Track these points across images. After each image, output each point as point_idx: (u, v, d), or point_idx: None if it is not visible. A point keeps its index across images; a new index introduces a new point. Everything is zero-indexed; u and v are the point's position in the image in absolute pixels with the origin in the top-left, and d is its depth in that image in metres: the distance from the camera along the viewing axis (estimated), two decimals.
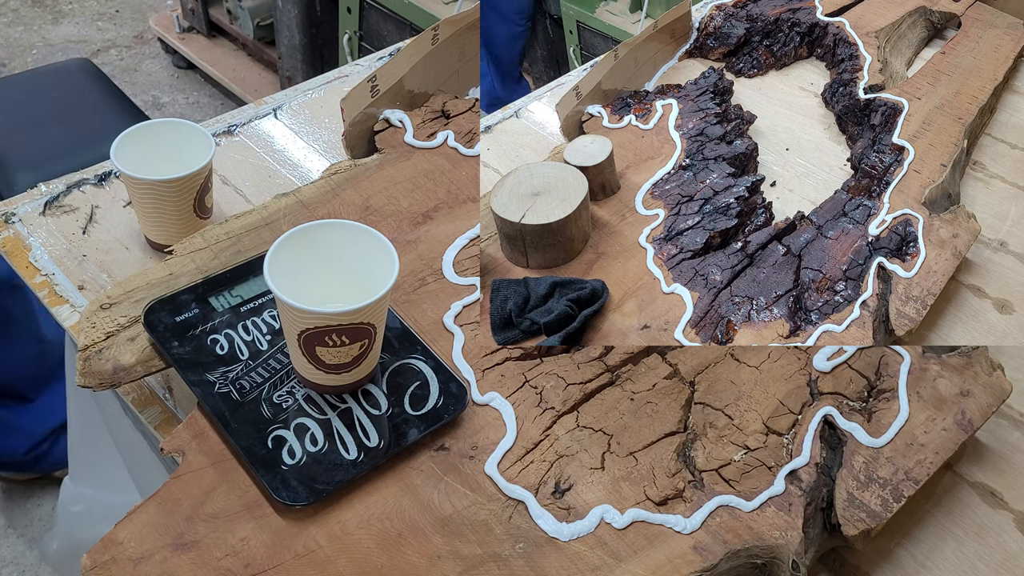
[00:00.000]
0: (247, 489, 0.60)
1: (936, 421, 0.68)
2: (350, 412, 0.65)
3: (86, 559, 0.55)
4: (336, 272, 0.67)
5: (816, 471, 0.65)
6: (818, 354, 0.73)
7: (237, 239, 0.77)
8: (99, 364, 0.66)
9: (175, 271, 0.74)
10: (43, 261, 0.81)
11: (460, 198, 0.85)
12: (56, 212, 0.86)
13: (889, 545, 0.66)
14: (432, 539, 0.59)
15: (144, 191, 0.78)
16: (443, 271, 0.78)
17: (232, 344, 0.68)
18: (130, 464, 0.84)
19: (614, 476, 0.64)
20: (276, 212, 0.80)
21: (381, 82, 0.89)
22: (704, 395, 0.70)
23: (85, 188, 0.89)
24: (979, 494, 0.70)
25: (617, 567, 0.58)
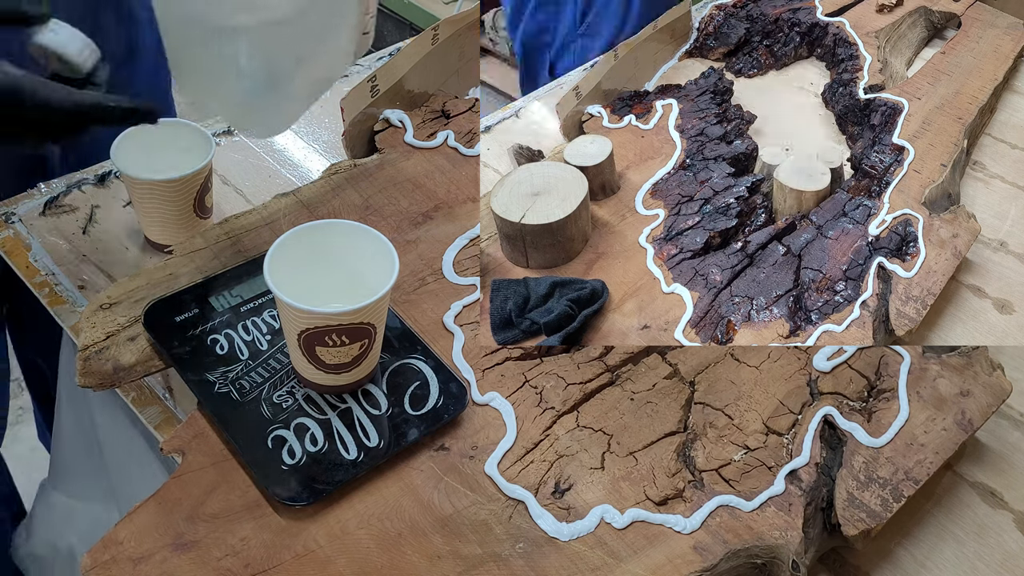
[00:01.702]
0: (247, 489, 0.60)
1: (936, 421, 0.68)
2: (350, 412, 0.65)
3: (86, 559, 0.55)
4: (336, 272, 0.67)
5: (816, 471, 0.65)
6: (818, 354, 0.73)
7: (237, 239, 0.77)
8: (99, 364, 0.66)
9: (175, 271, 0.74)
10: (43, 261, 0.81)
11: (460, 198, 0.85)
12: (56, 212, 0.86)
13: (889, 545, 0.66)
14: (432, 539, 0.59)
15: (144, 191, 0.78)
16: (443, 271, 0.78)
17: (232, 344, 0.68)
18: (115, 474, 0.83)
19: (614, 476, 0.64)
20: (276, 212, 0.80)
21: (381, 82, 0.89)
22: (704, 395, 0.70)
23: (85, 188, 0.89)
24: (979, 494, 0.70)
25: (617, 567, 0.58)
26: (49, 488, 0.97)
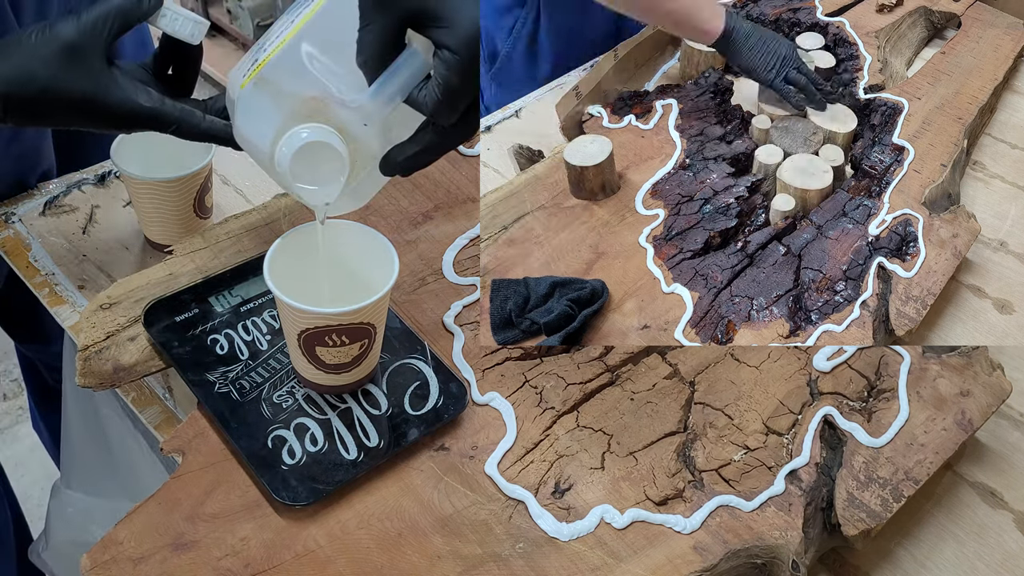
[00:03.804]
0: (247, 489, 0.60)
1: (936, 421, 0.68)
2: (350, 412, 0.65)
3: (86, 559, 0.55)
4: (336, 272, 0.67)
5: (816, 471, 0.65)
6: (818, 354, 0.73)
7: (237, 239, 0.77)
8: (99, 364, 0.66)
9: (175, 271, 0.74)
10: (43, 261, 0.81)
11: (460, 198, 0.85)
12: (56, 212, 0.86)
13: (889, 545, 0.66)
14: (432, 539, 0.59)
15: (144, 191, 0.78)
16: (443, 271, 0.78)
17: (232, 344, 0.68)
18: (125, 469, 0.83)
19: (614, 476, 0.64)
20: (276, 212, 0.80)
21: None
22: (704, 395, 0.70)
23: (85, 188, 0.89)
24: (979, 494, 0.70)
25: (617, 567, 0.58)
26: (62, 488, 0.97)
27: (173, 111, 0.64)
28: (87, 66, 0.61)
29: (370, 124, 0.59)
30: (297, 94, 0.59)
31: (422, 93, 0.57)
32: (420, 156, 0.60)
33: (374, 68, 0.57)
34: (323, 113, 0.59)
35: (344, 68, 0.58)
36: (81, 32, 0.61)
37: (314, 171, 0.60)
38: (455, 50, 0.55)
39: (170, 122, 0.64)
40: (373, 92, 0.57)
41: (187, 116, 0.65)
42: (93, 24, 0.61)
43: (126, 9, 0.62)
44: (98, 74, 0.61)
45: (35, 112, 0.62)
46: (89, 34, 0.61)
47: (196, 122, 0.65)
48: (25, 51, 0.60)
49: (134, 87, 0.63)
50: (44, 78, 0.60)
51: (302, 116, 0.59)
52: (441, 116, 0.57)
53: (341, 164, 0.60)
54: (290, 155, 0.58)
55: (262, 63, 0.59)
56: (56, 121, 0.63)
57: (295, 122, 0.59)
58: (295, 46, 0.58)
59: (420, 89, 0.57)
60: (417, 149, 0.60)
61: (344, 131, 0.59)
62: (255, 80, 0.59)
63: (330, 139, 0.59)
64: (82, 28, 0.61)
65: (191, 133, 0.65)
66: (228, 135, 0.64)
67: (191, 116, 0.65)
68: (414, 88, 0.57)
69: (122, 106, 0.62)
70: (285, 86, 0.59)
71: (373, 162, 0.62)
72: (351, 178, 0.61)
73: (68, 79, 0.61)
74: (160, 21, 0.65)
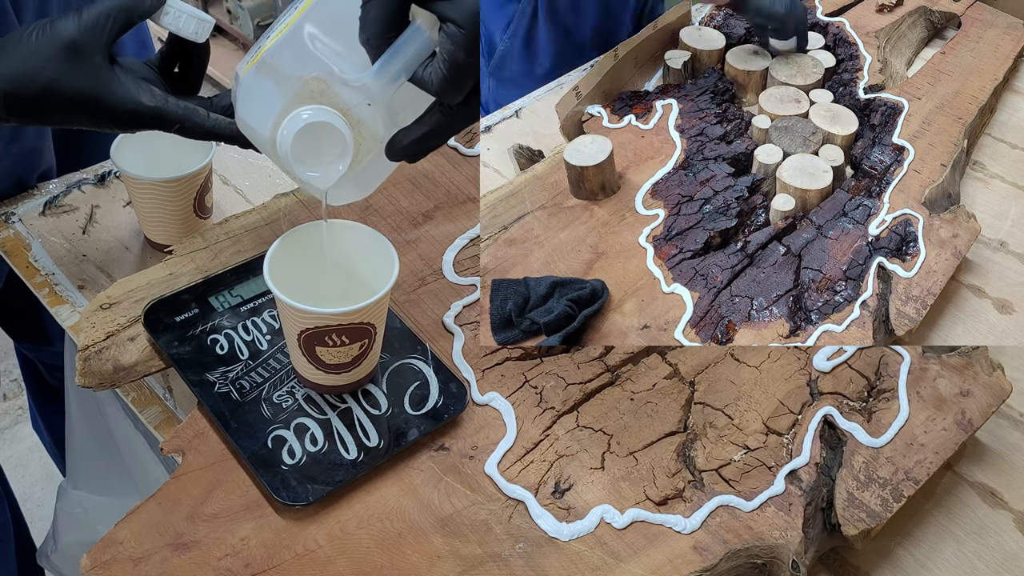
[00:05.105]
0: (247, 489, 0.60)
1: (936, 421, 0.68)
2: (350, 412, 0.65)
3: (86, 559, 0.55)
4: (336, 272, 0.67)
5: (816, 471, 0.65)
6: (818, 354, 0.73)
7: (237, 239, 0.77)
8: (99, 364, 0.66)
9: (175, 271, 0.74)
10: (43, 261, 0.81)
11: (460, 198, 0.85)
12: (56, 212, 0.86)
13: (889, 545, 0.66)
14: (432, 539, 0.59)
15: (144, 191, 0.78)
16: (443, 271, 0.78)
17: (232, 344, 0.68)
18: (132, 466, 0.84)
19: (614, 476, 0.64)
20: (276, 212, 0.80)
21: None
22: (704, 395, 0.70)
23: (85, 188, 0.89)
24: (979, 494, 0.70)
25: (617, 567, 0.58)
26: (69, 488, 0.97)
27: (176, 109, 0.63)
28: (89, 64, 0.61)
29: (374, 104, 0.58)
30: (299, 76, 0.57)
31: (427, 71, 0.55)
32: (426, 139, 0.59)
33: (377, 46, 0.55)
34: (326, 95, 0.58)
35: (347, 48, 0.57)
36: (82, 30, 0.60)
37: (317, 154, 0.58)
38: (461, 24, 0.53)
39: (173, 120, 0.63)
40: (376, 70, 0.56)
41: (191, 114, 0.64)
42: (94, 21, 0.61)
43: (128, 6, 0.62)
44: (100, 72, 0.61)
45: (37, 111, 0.61)
46: (90, 32, 0.60)
47: (200, 120, 0.64)
48: (26, 49, 0.60)
49: (136, 85, 0.62)
50: (46, 76, 0.60)
51: (304, 99, 0.57)
52: (447, 94, 0.56)
53: (344, 146, 0.58)
54: (291, 136, 0.57)
55: (264, 48, 0.58)
56: (58, 120, 0.63)
57: (297, 105, 0.57)
58: (298, 28, 0.57)
59: (425, 67, 0.56)
60: (424, 131, 0.58)
61: (348, 113, 0.58)
62: (257, 65, 0.57)
63: (332, 119, 0.57)
64: (83, 26, 0.60)
65: (195, 131, 0.64)
66: (233, 133, 0.63)
67: (195, 114, 0.64)
68: (419, 66, 0.56)
69: (124, 104, 0.62)
70: (287, 69, 0.57)
71: (378, 146, 0.60)
72: (355, 162, 0.60)
73: (70, 77, 0.60)
74: (163, 19, 0.64)
